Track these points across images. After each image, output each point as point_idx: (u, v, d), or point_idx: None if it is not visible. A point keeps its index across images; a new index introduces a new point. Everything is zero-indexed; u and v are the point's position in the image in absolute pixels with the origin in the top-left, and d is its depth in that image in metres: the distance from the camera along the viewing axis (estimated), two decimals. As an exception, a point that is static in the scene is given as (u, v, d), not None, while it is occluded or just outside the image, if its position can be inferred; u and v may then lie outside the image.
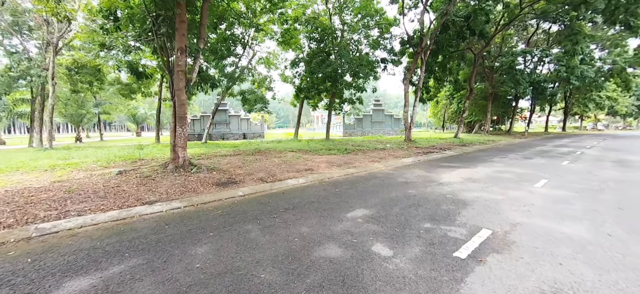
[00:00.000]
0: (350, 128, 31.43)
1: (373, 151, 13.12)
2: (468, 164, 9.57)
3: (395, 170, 8.53)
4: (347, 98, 20.98)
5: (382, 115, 32.44)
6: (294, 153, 12.14)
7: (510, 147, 16.43)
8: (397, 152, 12.69)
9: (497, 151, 13.90)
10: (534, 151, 13.33)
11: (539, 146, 16.57)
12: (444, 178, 7.22)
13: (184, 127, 8.09)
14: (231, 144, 18.85)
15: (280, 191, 6.18)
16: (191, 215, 4.66)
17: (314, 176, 7.56)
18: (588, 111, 43.09)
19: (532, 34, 29.27)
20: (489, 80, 25.88)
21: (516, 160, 10.48)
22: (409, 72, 16.87)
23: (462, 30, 16.62)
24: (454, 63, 21.92)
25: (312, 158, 10.64)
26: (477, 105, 32.89)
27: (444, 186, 6.23)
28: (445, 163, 9.94)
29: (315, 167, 8.81)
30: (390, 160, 10.38)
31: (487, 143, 18.14)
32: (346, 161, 10.04)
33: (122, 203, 5.23)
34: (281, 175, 7.71)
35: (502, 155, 12.20)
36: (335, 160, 10.31)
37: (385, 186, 6.31)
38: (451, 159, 10.95)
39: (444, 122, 41.67)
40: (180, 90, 7.80)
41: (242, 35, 17.78)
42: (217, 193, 5.92)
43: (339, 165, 9.17)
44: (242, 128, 28.65)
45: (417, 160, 10.71)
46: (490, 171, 8.19)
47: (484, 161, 10.26)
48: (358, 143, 17.21)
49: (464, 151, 13.72)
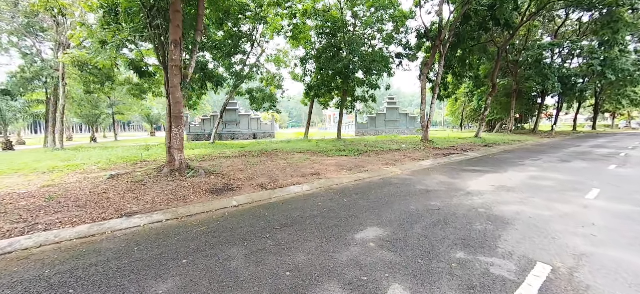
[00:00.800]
0: (363, 128, 30.34)
1: (387, 152, 12.13)
2: (496, 168, 8.45)
3: (413, 175, 7.56)
4: (359, 96, 19.99)
5: (396, 113, 31.14)
6: (302, 155, 11.35)
7: (540, 147, 14.98)
8: (413, 153, 11.66)
9: (526, 152, 12.57)
10: (570, 153, 11.93)
11: (572, 146, 15.02)
12: (471, 185, 6.20)
13: (179, 127, 7.45)
14: (239, 144, 18.32)
15: (280, 200, 5.38)
16: (170, 232, 3.93)
17: (320, 181, 6.72)
18: (621, 108, 39.94)
19: (560, 25, 27.19)
20: (512, 75, 24.14)
21: (552, 163, 9.24)
22: (426, 67, 15.71)
23: (485, 20, 15.29)
24: (475, 58, 20.48)
25: (320, 160, 9.81)
26: (498, 103, 31.01)
27: (473, 197, 5.24)
28: (469, 166, 8.85)
29: (323, 171, 7.97)
30: (407, 163, 9.39)
31: (512, 143, 16.70)
32: (357, 164, 9.14)
33: (98, 215, 4.59)
34: (284, 180, 6.93)
35: (534, 157, 10.92)
36: (345, 162, 9.43)
37: (402, 196, 5.39)
38: (475, 162, 9.82)
39: (462, 121, 39.77)
40: (174, 86, 7.16)
41: (250, 31, 17.17)
42: (208, 203, 5.19)
43: (349, 169, 8.29)
44: (252, 128, 28.18)
45: (436, 162, 9.66)
46: (524, 177, 7.08)
47: (514, 164, 9.09)
48: (371, 143, 16.22)
49: (488, 152, 12.49)
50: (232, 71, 16.44)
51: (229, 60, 15.95)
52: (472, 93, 29.69)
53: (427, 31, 16.89)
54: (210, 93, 27.49)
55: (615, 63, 17.73)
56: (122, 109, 31.42)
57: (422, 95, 15.76)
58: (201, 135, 27.28)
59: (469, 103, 35.04)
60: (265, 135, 28.34)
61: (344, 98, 19.07)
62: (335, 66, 13.27)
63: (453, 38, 15.82)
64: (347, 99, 20.81)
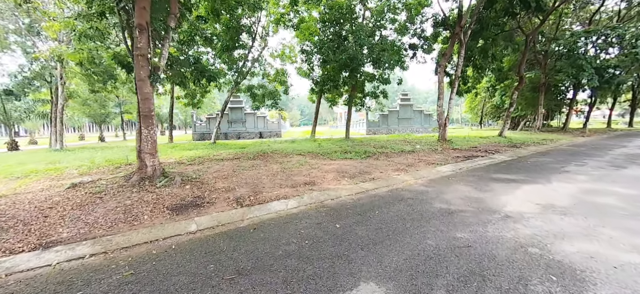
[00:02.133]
0: (375, 126, 28.75)
1: (399, 154, 10.67)
2: (534, 176, 6.86)
3: (430, 186, 6.13)
4: (370, 92, 18.50)
5: (411, 110, 29.31)
6: (301, 158, 10.10)
7: (578, 148, 13.03)
8: (429, 156, 10.14)
9: (564, 154, 10.77)
10: (619, 156, 10.06)
11: (616, 147, 12.97)
12: (507, 203, 4.73)
13: (150, 127, 6.35)
14: (241, 144, 17.31)
15: (253, 224, 4.14)
16: (80, 279, 2.77)
17: (312, 195, 5.43)
18: (664, 103, 36.17)
19: (595, 12, 24.53)
20: (541, 67, 21.84)
21: (603, 169, 7.52)
22: (444, 58, 14.04)
23: (512, 3, 13.44)
24: (498, 48, 18.48)
25: (320, 165, 8.51)
26: (523, 98, 28.51)
27: (516, 225, 3.80)
28: (499, 173, 7.30)
29: (320, 179, 6.68)
30: (422, 168, 7.93)
31: (543, 143, 14.76)
32: (363, 169, 7.78)
33: (11, 244, 3.52)
34: (270, 191, 5.70)
35: (576, 160, 9.16)
36: (349, 167, 8.09)
37: (416, 221, 4.02)
38: (506, 167, 8.23)
39: (482, 118, 37.29)
40: (141, 80, 6.05)
41: (250, 24, 16.06)
42: (160, 227, 4.03)
43: (351, 176, 6.95)
44: (258, 127, 27.23)
45: (457, 168, 8.14)
46: (574, 190, 5.50)
47: (555, 171, 7.45)
48: (382, 143, 14.75)
49: (518, 155, 10.78)
50: (231, 67, 15.40)
51: (228, 55, 14.88)
52: (494, 88, 27.42)
53: (446, 19, 15.18)
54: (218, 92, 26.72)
55: None
56: (130, 109, 31.28)
57: (439, 90, 14.11)
58: (207, 134, 26.57)
59: (490, 99, 32.61)
60: (271, 134, 27.31)
61: (353, 95, 17.65)
62: (339, 57, 11.91)
63: (475, 25, 14.06)
64: (357, 96, 19.39)
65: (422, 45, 16.40)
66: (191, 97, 21.35)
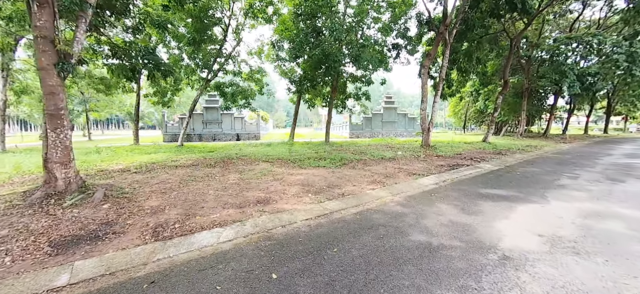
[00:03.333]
0: (358, 129, 27.86)
1: (378, 162, 9.67)
2: (528, 192, 5.97)
3: (408, 205, 5.09)
4: (352, 93, 17.55)
5: (395, 113, 28.64)
6: (268, 165, 8.90)
7: (564, 156, 12.52)
8: (411, 164, 9.19)
9: (552, 163, 10.10)
10: (610, 166, 9.47)
11: (602, 155, 12.55)
12: (502, 233, 3.74)
13: (59, 130, 4.98)
14: (211, 147, 15.88)
15: (156, 271, 2.92)
16: None
17: (259, 220, 4.26)
18: (636, 111, 37.49)
19: (575, 20, 24.72)
20: (524, 73, 21.62)
21: (599, 183, 6.76)
22: (428, 58, 13.23)
23: (498, 4, 12.82)
24: (483, 52, 17.99)
25: (286, 175, 7.35)
26: (505, 103, 28.49)
27: (517, 273, 2.77)
28: (488, 188, 6.37)
29: (278, 195, 5.52)
30: (401, 180, 6.92)
31: (527, 150, 14.22)
32: (333, 181, 6.68)
33: None
34: (208, 213, 4.49)
35: (567, 171, 8.45)
36: (318, 178, 6.97)
37: (385, 268, 2.92)
38: (494, 180, 7.34)
39: (466, 122, 37.28)
40: (44, 69, 4.70)
41: (223, 16, 14.72)
42: (13, 280, 2.74)
43: (317, 191, 5.83)
44: (235, 128, 25.71)
45: (441, 180, 7.18)
46: (578, 212, 4.61)
47: (549, 185, 6.61)
48: (362, 148, 13.76)
49: (506, 163, 10.01)
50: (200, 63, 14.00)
51: (195, 49, 13.47)
52: (477, 93, 27.17)
53: (430, 19, 14.42)
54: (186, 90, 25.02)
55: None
56: (97, 106, 28.97)
57: (423, 93, 13.28)
58: (179, 135, 24.78)
59: (474, 104, 32.51)
60: (250, 136, 25.86)
61: (333, 96, 16.61)
62: (312, 53, 10.80)
63: (460, 25, 13.35)
64: (337, 97, 18.39)
65: (405, 46, 15.58)
66: (161, 95, 19.67)
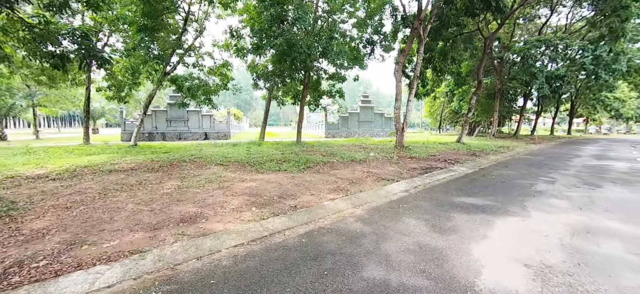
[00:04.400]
0: (334, 128, 27.08)
1: (347, 164, 8.80)
2: (505, 200, 5.31)
3: (370, 220, 4.21)
4: (324, 90, 16.67)
5: (371, 113, 28.18)
6: (220, 169, 7.76)
7: (535, 158, 12.35)
8: (382, 167, 8.40)
9: (524, 165, 9.74)
10: (582, 169, 9.23)
11: (572, 157, 12.53)
12: (480, 263, 2.93)
13: None
14: (168, 147, 14.35)
15: None
16: None
17: (171, 248, 3.17)
18: (596, 113, 39.76)
19: (543, 25, 25.42)
20: (497, 74, 21.82)
21: (578, 188, 6.28)
22: (403, 55, 12.59)
23: (473, 1, 12.43)
24: (458, 52, 17.75)
25: (235, 182, 6.26)
26: (478, 104, 28.93)
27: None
28: (461, 195, 5.66)
29: (215, 209, 4.46)
30: (368, 187, 6.06)
31: (500, 150, 14.02)
32: (288, 190, 5.69)
33: None
34: (105, 239, 3.35)
35: (542, 175, 8.02)
36: (273, 186, 5.95)
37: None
38: (469, 185, 6.69)
39: (441, 123, 37.71)
40: None
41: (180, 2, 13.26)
42: None
43: (265, 203, 4.82)
44: (203, 127, 24.00)
45: (412, 186, 6.41)
46: (562, 227, 3.95)
47: (527, 192, 6.03)
48: (334, 148, 12.89)
49: (480, 166, 9.51)
50: (151, 54, 12.46)
51: (144, 36, 11.93)
52: (452, 93, 27.31)
53: (405, 15, 13.82)
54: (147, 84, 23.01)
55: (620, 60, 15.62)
56: (47, 101, 26.05)
57: (397, 91, 12.62)
58: (141, 133, 22.72)
59: (448, 104, 32.83)
60: (219, 135, 24.25)
61: (305, 93, 15.62)
62: (273, 43, 9.74)
63: (435, 20, 12.83)
64: (311, 94, 17.43)
65: (380, 42, 14.90)
66: (117, 89, 17.69)
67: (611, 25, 12.10)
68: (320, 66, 16.43)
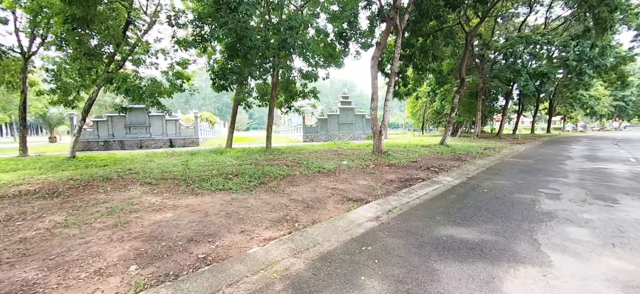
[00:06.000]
0: (312, 132, 25.52)
1: (311, 178, 7.24)
2: (506, 231, 3.92)
3: (308, 284, 2.63)
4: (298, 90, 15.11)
5: (352, 115, 26.84)
6: (142, 191, 6.00)
7: (524, 160, 11.27)
8: (353, 180, 6.88)
9: (517, 172, 8.52)
10: (580, 173, 8.12)
11: (562, 158, 11.55)
12: None
13: None
14: (116, 158, 12.32)
15: None
16: None
17: None
18: (573, 111, 40.34)
19: (521, 23, 25.01)
20: (479, 72, 21.01)
21: (590, 205, 5.01)
22: (378, 49, 11.21)
23: (453, -10, 11.26)
24: (439, 48, 16.67)
25: (144, 215, 4.53)
26: (460, 104, 28.26)
27: None
28: (448, 224, 4.22)
29: (66, 274, 2.72)
30: (325, 214, 4.51)
31: (486, 153, 12.92)
32: (211, 225, 4.02)
33: None
34: None
35: (540, 184, 6.76)
36: (192, 219, 4.28)
37: None
38: (456, 205, 5.28)
39: (424, 123, 36.98)
40: None
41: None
42: None
43: (159, 254, 3.14)
44: (168, 133, 21.79)
45: (385, 210, 4.91)
46: (606, 281, 2.52)
47: (530, 213, 4.68)
48: (304, 156, 11.31)
49: (467, 174, 8.19)
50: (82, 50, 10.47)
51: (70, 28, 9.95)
52: (434, 93, 26.42)
53: (381, 6, 12.51)
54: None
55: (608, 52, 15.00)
56: None
57: (373, 88, 11.22)
58: (94, 142, 20.30)
59: (431, 104, 32.05)
60: (186, 142, 22.12)
61: (274, 94, 13.98)
62: (217, 33, 8.05)
63: (413, 10, 11.56)
64: (282, 95, 15.84)
65: (354, 36, 13.50)
66: (62, 93, 15.32)
67: (599, 16, 11.28)
68: (293, 65, 14.88)
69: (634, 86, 36.35)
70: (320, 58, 15.12)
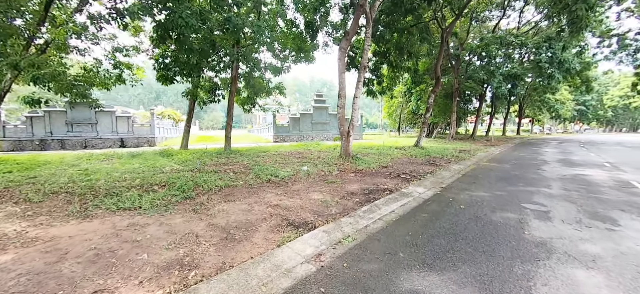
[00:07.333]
0: (284, 131, 24.02)
1: (256, 189, 5.85)
2: (494, 287, 2.75)
3: None
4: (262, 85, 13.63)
5: (326, 114, 25.65)
6: (22, 209, 4.32)
7: (502, 166, 10.56)
8: (305, 193, 5.57)
9: (495, 180, 7.63)
10: (564, 182, 7.38)
11: (538, 163, 11.00)
12: None
13: None
14: (41, 160, 10.14)
15: None
16: None
17: None
18: (541, 114, 41.81)
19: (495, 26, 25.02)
20: (454, 72, 20.54)
21: (590, 228, 4.06)
22: (346, 39, 10.02)
23: (429, -21, 10.30)
24: (415, 45, 15.83)
25: None
26: (436, 105, 27.96)
27: None
28: (413, 270, 3.02)
29: None
30: (247, 250, 3.14)
31: (462, 156, 12.15)
32: (61, 276, 2.50)
33: None
34: None
35: (523, 197, 5.83)
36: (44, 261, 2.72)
37: None
38: (427, 233, 4.14)
39: (400, 124, 36.61)
40: None
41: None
42: None
43: None
44: (118, 131, 19.38)
45: (333, 242, 3.63)
46: None
47: (523, 248, 3.62)
48: (263, 159, 9.87)
49: (442, 183, 7.16)
50: None
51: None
52: (410, 92, 25.85)
53: None
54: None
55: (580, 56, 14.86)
56: None
57: (340, 84, 10.00)
58: (27, 141, 17.55)
59: (407, 105, 31.61)
60: (140, 141, 19.81)
61: (234, 88, 12.40)
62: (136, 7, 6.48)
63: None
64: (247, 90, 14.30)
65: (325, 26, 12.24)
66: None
67: (576, 14, 10.84)
68: (258, 57, 13.36)
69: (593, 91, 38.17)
70: (292, 52, 13.76)
